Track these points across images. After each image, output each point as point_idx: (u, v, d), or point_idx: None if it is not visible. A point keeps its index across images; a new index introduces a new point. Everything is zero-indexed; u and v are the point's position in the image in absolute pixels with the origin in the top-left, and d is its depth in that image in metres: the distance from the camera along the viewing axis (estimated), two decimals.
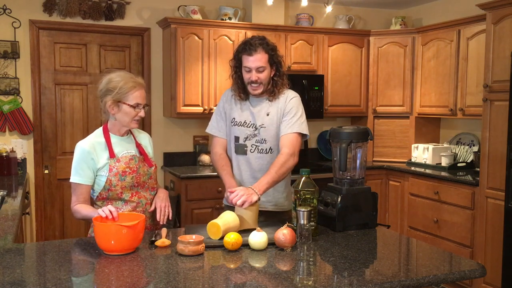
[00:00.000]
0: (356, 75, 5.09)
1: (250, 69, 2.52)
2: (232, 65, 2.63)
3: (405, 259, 2.07)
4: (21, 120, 4.24)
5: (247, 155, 2.62)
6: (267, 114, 2.61)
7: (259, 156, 2.61)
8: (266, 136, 2.60)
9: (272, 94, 2.60)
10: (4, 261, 1.85)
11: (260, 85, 2.55)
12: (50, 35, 4.41)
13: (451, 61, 4.49)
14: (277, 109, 2.60)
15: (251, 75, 2.53)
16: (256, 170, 2.61)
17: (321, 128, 5.35)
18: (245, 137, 2.62)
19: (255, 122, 2.61)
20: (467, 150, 4.63)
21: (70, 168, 2.30)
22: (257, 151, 2.61)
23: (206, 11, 4.82)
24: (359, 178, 2.40)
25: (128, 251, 1.95)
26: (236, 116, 2.64)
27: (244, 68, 2.55)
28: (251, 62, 2.51)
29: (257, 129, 2.61)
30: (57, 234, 4.51)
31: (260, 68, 2.52)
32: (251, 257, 1.96)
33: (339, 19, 5.18)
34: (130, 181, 2.31)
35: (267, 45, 2.53)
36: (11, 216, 2.61)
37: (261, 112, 2.61)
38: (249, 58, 2.51)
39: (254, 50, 2.49)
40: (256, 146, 2.61)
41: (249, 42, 2.52)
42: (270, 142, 2.61)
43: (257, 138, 2.61)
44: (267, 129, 2.60)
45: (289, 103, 2.60)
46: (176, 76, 4.37)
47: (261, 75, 2.53)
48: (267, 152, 2.61)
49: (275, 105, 2.61)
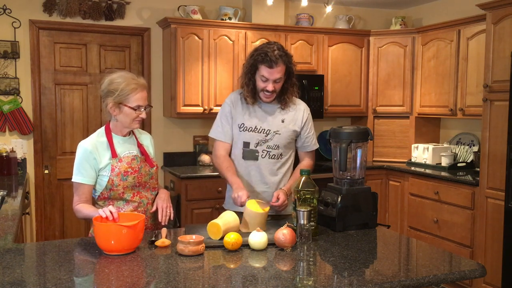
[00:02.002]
0: (356, 75, 5.09)
1: (268, 79, 2.51)
2: (245, 71, 2.58)
3: (405, 259, 2.07)
4: (21, 120, 4.24)
5: (258, 160, 2.61)
6: (282, 121, 2.63)
7: (270, 162, 2.62)
8: (279, 142, 2.62)
9: (284, 102, 2.62)
10: (4, 261, 1.85)
11: (273, 93, 2.57)
12: (50, 35, 4.41)
13: (451, 61, 4.49)
14: (292, 118, 2.64)
15: (267, 84, 2.52)
16: (266, 175, 2.62)
17: (321, 128, 5.35)
18: (256, 143, 2.61)
19: (270, 128, 2.61)
20: (467, 150, 4.63)
21: (70, 168, 2.30)
22: (268, 156, 2.62)
23: (206, 11, 4.82)
24: (359, 178, 2.41)
25: (128, 251, 1.95)
26: (245, 121, 2.62)
27: (260, 77, 2.52)
28: (271, 74, 2.49)
29: (268, 134, 2.60)
30: (57, 234, 4.51)
31: (278, 80, 2.52)
32: (251, 257, 1.96)
33: (339, 19, 5.18)
34: (132, 181, 2.31)
35: (286, 56, 2.52)
36: (11, 216, 2.61)
37: (275, 118, 2.63)
38: (269, 70, 2.48)
39: (275, 63, 2.47)
40: (268, 151, 2.62)
41: (270, 54, 2.46)
42: (282, 148, 2.63)
43: (269, 144, 2.61)
44: (282, 136, 2.62)
45: (307, 118, 2.69)
46: (176, 76, 4.37)
47: (277, 85, 2.55)
48: (277, 158, 2.63)
49: (289, 113, 2.64)
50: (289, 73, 2.57)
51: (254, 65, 2.53)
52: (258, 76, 2.54)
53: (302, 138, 2.70)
